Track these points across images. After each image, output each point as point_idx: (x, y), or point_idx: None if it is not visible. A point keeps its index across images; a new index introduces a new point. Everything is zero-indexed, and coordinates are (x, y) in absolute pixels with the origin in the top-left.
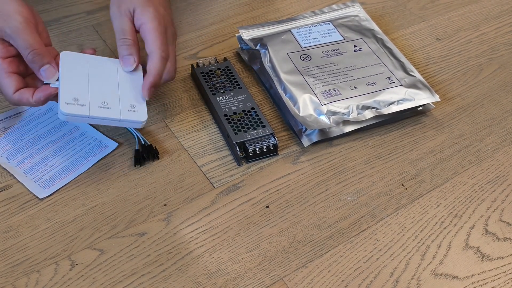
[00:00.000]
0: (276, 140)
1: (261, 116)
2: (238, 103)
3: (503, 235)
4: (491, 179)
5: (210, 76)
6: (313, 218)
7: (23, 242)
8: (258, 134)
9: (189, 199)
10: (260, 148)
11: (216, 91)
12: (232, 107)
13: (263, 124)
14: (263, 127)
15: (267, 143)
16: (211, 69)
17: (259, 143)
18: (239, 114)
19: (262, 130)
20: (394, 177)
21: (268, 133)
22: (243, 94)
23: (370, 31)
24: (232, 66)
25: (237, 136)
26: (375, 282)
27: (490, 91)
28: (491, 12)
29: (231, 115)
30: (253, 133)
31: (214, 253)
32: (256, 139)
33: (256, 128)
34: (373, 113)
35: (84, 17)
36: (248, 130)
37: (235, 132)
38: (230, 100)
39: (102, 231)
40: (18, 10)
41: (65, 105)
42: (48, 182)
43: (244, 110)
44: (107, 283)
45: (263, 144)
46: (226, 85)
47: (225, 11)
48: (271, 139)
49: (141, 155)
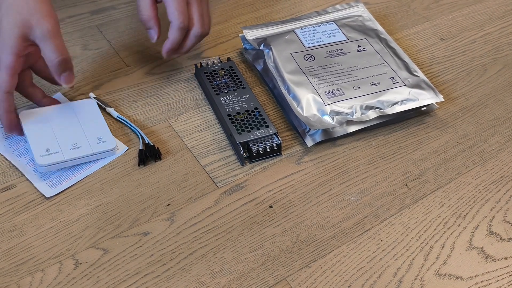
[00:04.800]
0: (279, 140)
1: (265, 116)
2: (241, 103)
3: (507, 235)
4: (495, 180)
5: (214, 76)
6: (317, 218)
7: (27, 241)
8: (261, 134)
9: (193, 198)
10: (264, 148)
11: (220, 91)
12: (235, 107)
13: (266, 124)
14: (267, 127)
15: (270, 143)
16: (215, 69)
17: (262, 143)
18: (242, 114)
19: (266, 130)
20: (398, 177)
21: (271, 133)
22: (247, 94)
23: (373, 31)
24: (235, 66)
25: (240, 136)
26: (379, 282)
27: (494, 91)
28: (495, 12)
29: (235, 115)
30: (256, 133)
31: (218, 252)
32: (259, 139)
33: (260, 128)
34: (376, 113)
35: (88, 17)
36: (252, 130)
37: (239, 132)
38: (233, 100)
39: (106, 231)
40: (52, 13)
41: (40, 158)
42: (56, 181)
43: (247, 110)
44: (111, 282)
45: (267, 144)
46: (230, 85)
47: (228, 11)
48: (275, 139)
49: (144, 155)
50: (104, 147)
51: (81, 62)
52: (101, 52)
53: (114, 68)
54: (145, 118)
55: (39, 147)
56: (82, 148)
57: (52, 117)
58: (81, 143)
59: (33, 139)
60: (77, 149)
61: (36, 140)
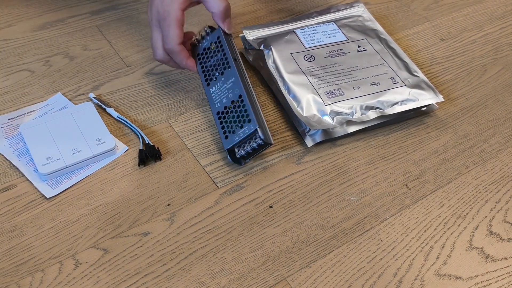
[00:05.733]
0: (262, 136)
1: (247, 105)
2: (227, 91)
3: (507, 235)
4: (495, 180)
5: (205, 58)
6: (317, 218)
7: (27, 242)
8: (244, 134)
9: (193, 199)
10: (251, 148)
11: (210, 78)
12: (223, 99)
13: (249, 118)
14: (249, 121)
15: (253, 142)
16: (206, 46)
17: (246, 144)
18: (229, 107)
19: (248, 127)
20: (398, 177)
21: (253, 129)
22: (232, 76)
23: (373, 31)
24: (222, 35)
25: (227, 141)
26: (379, 283)
27: (494, 92)
28: (495, 13)
29: (223, 112)
30: (239, 133)
31: (218, 253)
32: (243, 140)
33: (243, 125)
34: (376, 114)
35: (88, 17)
36: (236, 128)
37: (225, 136)
38: (221, 88)
39: (106, 231)
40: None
41: (42, 167)
42: (56, 182)
43: (233, 101)
44: (111, 282)
45: (251, 144)
46: (218, 67)
47: None
48: (257, 137)
49: (145, 155)
50: (103, 148)
51: (81, 63)
52: (101, 52)
53: (114, 68)
54: (145, 118)
55: (41, 156)
56: (82, 152)
57: (51, 125)
58: (81, 147)
59: (34, 149)
60: (77, 153)
61: (37, 150)
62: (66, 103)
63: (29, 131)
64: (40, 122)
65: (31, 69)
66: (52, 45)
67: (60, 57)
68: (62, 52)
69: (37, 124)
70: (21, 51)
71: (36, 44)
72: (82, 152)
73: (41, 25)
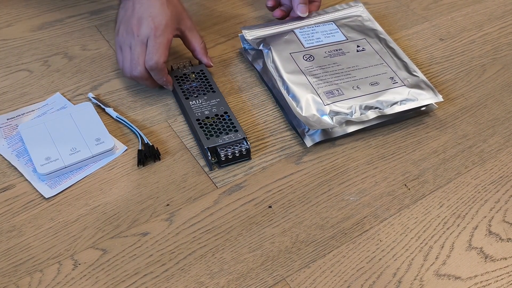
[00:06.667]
0: (248, 144)
1: (234, 120)
2: (211, 107)
3: (506, 235)
4: (495, 180)
5: (184, 80)
6: (316, 218)
7: (26, 242)
8: (230, 139)
9: (192, 199)
10: (232, 153)
11: (189, 95)
12: (205, 112)
13: (235, 128)
14: (236, 131)
15: (239, 147)
16: (185, 73)
17: (231, 148)
18: (211, 118)
19: (235, 135)
20: (397, 177)
21: (240, 137)
22: (217, 98)
23: (373, 31)
24: (206, 70)
25: (208, 141)
26: (378, 283)
27: (493, 91)
28: (494, 12)
29: (204, 120)
30: (225, 138)
31: (217, 253)
32: (228, 144)
33: (229, 132)
34: (376, 113)
35: (87, 17)
36: (220, 134)
37: (207, 137)
38: (203, 104)
39: (105, 231)
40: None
41: (41, 167)
42: (55, 182)
43: (217, 114)
44: (110, 282)
45: (235, 149)
46: (200, 89)
47: (228, 12)
48: (243, 143)
49: (144, 155)
50: (102, 148)
51: (80, 63)
52: (100, 52)
53: (113, 69)
54: (144, 118)
55: (39, 157)
56: (81, 152)
57: (50, 125)
58: (80, 147)
59: (33, 149)
60: (76, 153)
61: (36, 150)
62: (65, 103)
63: (28, 131)
64: (39, 122)
65: (30, 69)
66: (51, 45)
67: (59, 57)
68: (61, 52)
69: (36, 124)
70: (20, 51)
71: (35, 44)
72: (81, 152)
73: (40, 25)
